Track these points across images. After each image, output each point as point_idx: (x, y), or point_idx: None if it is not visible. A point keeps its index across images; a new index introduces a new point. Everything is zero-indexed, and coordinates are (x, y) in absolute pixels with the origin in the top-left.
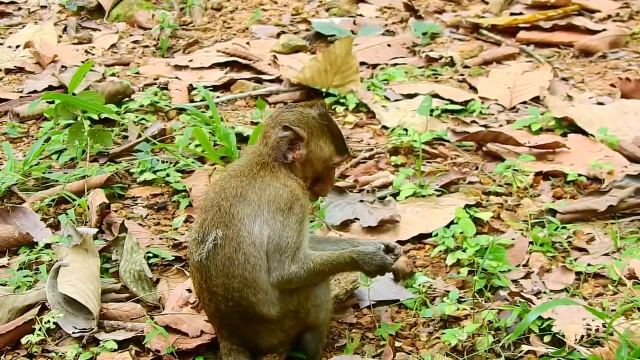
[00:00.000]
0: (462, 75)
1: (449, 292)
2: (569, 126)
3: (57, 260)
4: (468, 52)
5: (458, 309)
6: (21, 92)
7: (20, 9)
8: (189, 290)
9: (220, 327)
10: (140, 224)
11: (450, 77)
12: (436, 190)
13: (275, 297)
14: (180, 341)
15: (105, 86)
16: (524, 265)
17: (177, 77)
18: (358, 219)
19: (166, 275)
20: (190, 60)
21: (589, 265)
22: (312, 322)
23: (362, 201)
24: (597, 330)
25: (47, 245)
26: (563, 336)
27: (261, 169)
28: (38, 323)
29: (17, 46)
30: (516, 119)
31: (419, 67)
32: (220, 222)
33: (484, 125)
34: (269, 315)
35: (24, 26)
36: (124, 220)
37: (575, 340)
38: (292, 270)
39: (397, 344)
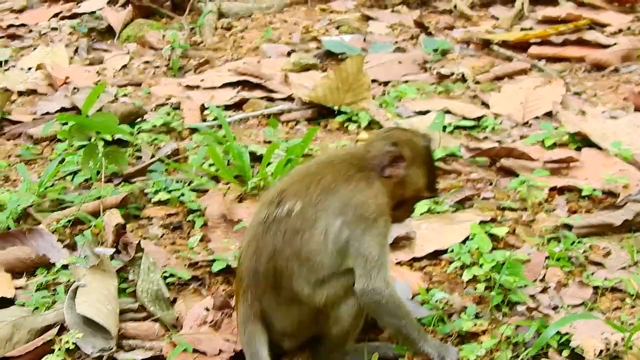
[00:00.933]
0: (474, 91)
1: (466, 307)
2: (583, 141)
3: (74, 281)
4: (479, 67)
5: (475, 325)
6: (34, 114)
7: (31, 31)
8: (207, 309)
9: (245, 290)
10: (156, 244)
11: (462, 93)
12: (451, 206)
13: (313, 281)
14: None
15: (117, 107)
16: (541, 280)
17: (188, 97)
18: None
19: (183, 294)
20: (202, 80)
21: (605, 279)
22: (325, 331)
23: None
24: (615, 344)
25: (65, 266)
26: (582, 350)
27: (358, 172)
28: (57, 344)
29: (29, 68)
30: (529, 134)
31: (431, 84)
32: (305, 199)
33: (498, 141)
34: (300, 293)
35: (35, 48)
36: (140, 241)
37: (595, 354)
38: (376, 285)
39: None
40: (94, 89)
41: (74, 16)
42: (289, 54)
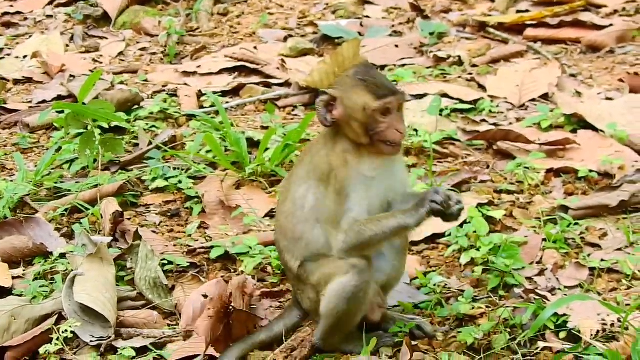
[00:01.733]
0: (471, 74)
1: (463, 291)
2: (579, 122)
3: (72, 270)
4: (476, 50)
5: (473, 308)
6: (30, 102)
7: (26, 19)
8: (205, 296)
9: None
10: (153, 231)
11: (459, 77)
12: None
13: (298, 252)
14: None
15: (114, 94)
16: (538, 263)
17: (185, 84)
18: None
19: (181, 281)
20: (199, 66)
21: (602, 260)
22: (317, 309)
23: None
24: (612, 325)
25: (62, 255)
26: (579, 332)
27: (322, 137)
28: (55, 333)
29: (25, 56)
30: (526, 117)
31: (427, 67)
32: (288, 175)
33: (494, 124)
34: (290, 265)
35: (30, 36)
36: (137, 228)
37: (591, 335)
38: (339, 239)
39: (413, 343)
40: (90, 76)
41: (69, 3)
42: (285, 39)
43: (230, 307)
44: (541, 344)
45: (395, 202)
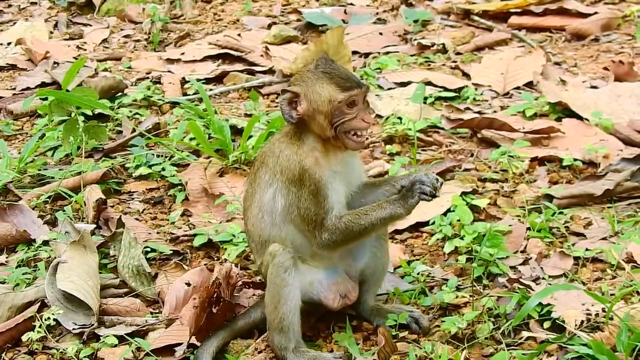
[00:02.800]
0: (455, 62)
1: (447, 280)
2: (563, 111)
3: (55, 257)
4: (460, 38)
5: (457, 297)
6: (14, 89)
7: (10, 5)
8: (188, 284)
9: None
10: (137, 219)
11: (443, 64)
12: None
13: (263, 251)
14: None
15: (98, 82)
16: (522, 252)
17: (169, 71)
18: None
19: (164, 269)
20: (182, 54)
21: (587, 250)
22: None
23: None
24: (597, 315)
25: (45, 242)
26: (563, 322)
27: (284, 136)
28: (38, 320)
29: (9, 43)
30: (510, 105)
31: (411, 55)
32: (250, 179)
33: (478, 112)
34: (257, 263)
35: (14, 23)
36: (120, 216)
37: (576, 325)
38: (325, 238)
39: (399, 334)
40: (74, 63)
41: None
42: (269, 26)
43: (221, 298)
44: (525, 334)
45: (355, 194)
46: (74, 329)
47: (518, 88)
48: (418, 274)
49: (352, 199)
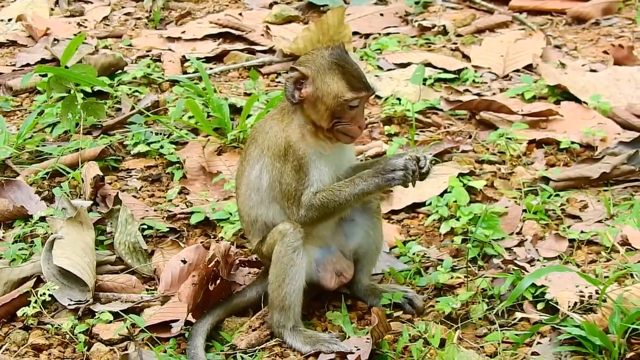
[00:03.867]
0: (455, 44)
1: (442, 260)
2: (562, 94)
3: (52, 233)
4: (461, 20)
5: (452, 278)
6: (14, 65)
7: None
8: (184, 261)
9: None
10: (134, 196)
11: (443, 46)
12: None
13: (255, 232)
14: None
15: (97, 59)
16: (518, 233)
17: (169, 49)
18: None
19: (161, 246)
20: (183, 32)
21: (582, 232)
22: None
23: None
24: (590, 297)
25: (42, 218)
26: (556, 303)
27: (277, 114)
28: (34, 295)
29: (9, 19)
30: (509, 87)
31: (412, 37)
32: (241, 157)
33: (477, 94)
34: (252, 243)
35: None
36: (118, 193)
37: (569, 307)
38: (302, 214)
39: (393, 314)
40: (73, 40)
41: None
42: (270, 5)
43: (218, 276)
44: (519, 315)
45: (343, 177)
46: (69, 304)
47: (517, 70)
48: (413, 254)
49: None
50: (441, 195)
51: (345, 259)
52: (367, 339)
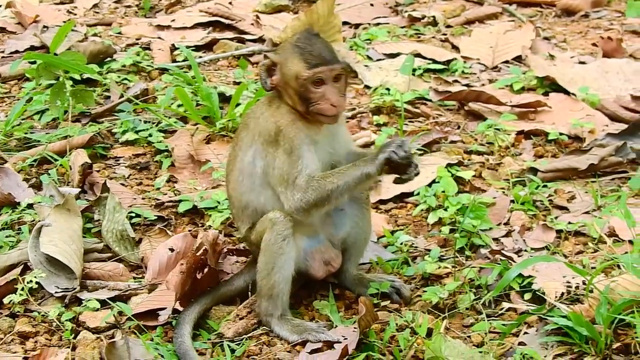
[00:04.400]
0: (445, 34)
1: (430, 250)
2: (551, 85)
3: (39, 220)
4: (450, 11)
5: (439, 267)
6: (3, 52)
7: None
8: (172, 250)
9: None
10: (122, 184)
11: (433, 37)
12: (418, 149)
13: (246, 219)
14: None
15: (87, 46)
16: (505, 224)
17: (159, 37)
18: None
19: (148, 234)
20: (173, 20)
21: (569, 223)
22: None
23: None
24: (577, 287)
25: (30, 206)
26: (543, 293)
27: (266, 100)
28: (20, 283)
29: None
30: (498, 78)
31: (402, 27)
32: (233, 143)
33: (466, 85)
34: (241, 230)
35: None
36: (106, 180)
37: (556, 297)
38: (297, 198)
39: (381, 303)
40: (62, 27)
41: None
42: None
43: (206, 264)
44: (506, 305)
45: (339, 164)
46: (56, 292)
47: (507, 62)
48: (401, 244)
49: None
50: (429, 185)
51: (334, 249)
52: (355, 328)
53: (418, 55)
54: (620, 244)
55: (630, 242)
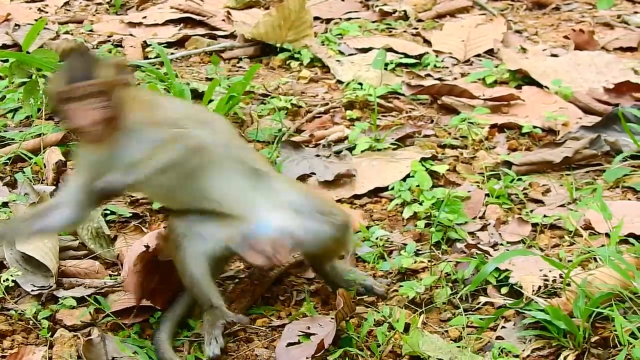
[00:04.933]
0: (416, 28)
1: (406, 245)
2: (523, 78)
3: None
4: (422, 5)
5: (415, 262)
6: None
7: None
8: (147, 247)
9: None
10: None
11: (404, 31)
12: (392, 143)
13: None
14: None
15: (59, 44)
16: (481, 218)
17: (131, 34)
18: (314, 174)
19: (124, 232)
20: (144, 17)
21: (545, 216)
22: None
23: (318, 156)
24: (554, 280)
25: (5, 204)
26: (520, 287)
27: None
28: None
29: None
30: (470, 72)
31: (373, 21)
32: None
33: (439, 79)
34: None
35: None
36: None
37: (533, 291)
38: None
39: (357, 297)
40: (34, 25)
41: None
42: None
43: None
44: (483, 299)
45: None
46: (32, 290)
47: (479, 55)
48: (377, 238)
49: None
50: (404, 179)
51: (283, 241)
52: (332, 318)
53: (390, 49)
54: (597, 237)
55: (607, 234)
